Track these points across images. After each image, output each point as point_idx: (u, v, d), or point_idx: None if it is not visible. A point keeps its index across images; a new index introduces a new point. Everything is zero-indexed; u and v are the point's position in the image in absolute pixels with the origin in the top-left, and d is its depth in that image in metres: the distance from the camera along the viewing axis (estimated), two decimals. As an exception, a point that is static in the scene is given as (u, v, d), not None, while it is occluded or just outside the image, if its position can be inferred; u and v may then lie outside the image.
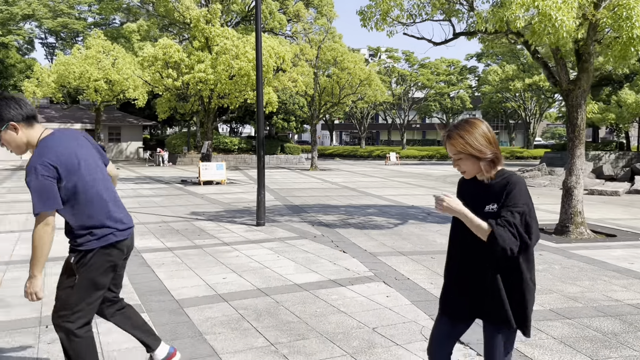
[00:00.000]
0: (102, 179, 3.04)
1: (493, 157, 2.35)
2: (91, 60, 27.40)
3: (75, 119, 40.86)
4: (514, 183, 2.32)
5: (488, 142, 2.35)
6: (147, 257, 7.16)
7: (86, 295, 2.94)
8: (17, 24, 49.02)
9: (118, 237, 2.99)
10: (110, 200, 3.03)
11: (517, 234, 2.24)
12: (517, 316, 2.34)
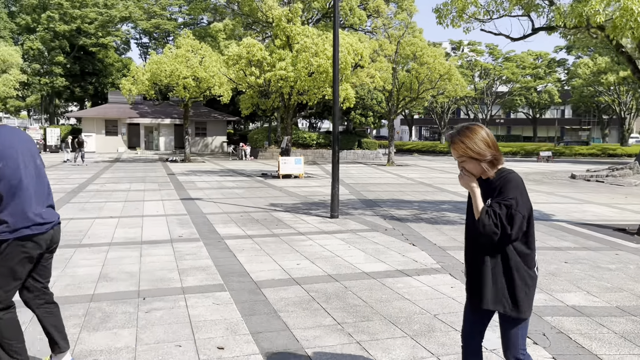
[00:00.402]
0: (33, 174, 3.27)
1: (492, 158, 2.62)
2: (181, 59, 29.06)
3: (166, 114, 43.42)
4: (508, 179, 2.59)
5: (487, 145, 2.62)
6: (230, 243, 7.79)
7: (2, 283, 3.17)
8: (115, 26, 52.67)
9: (33, 231, 3.18)
10: (36, 195, 3.25)
11: (499, 224, 2.49)
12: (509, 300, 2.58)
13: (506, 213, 2.50)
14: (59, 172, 22.16)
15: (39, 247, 3.24)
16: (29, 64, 45.33)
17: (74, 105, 62.49)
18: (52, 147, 40.94)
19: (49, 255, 3.42)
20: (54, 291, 5.26)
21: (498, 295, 2.59)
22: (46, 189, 3.38)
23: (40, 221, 3.23)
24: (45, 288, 3.48)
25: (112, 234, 8.47)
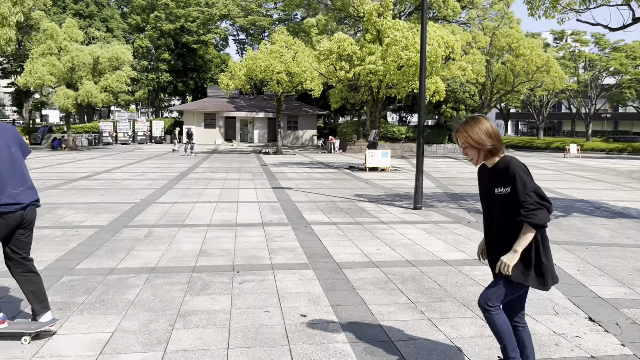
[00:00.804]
0: (8, 161, 3.79)
1: (491, 147, 3.00)
2: (275, 55, 30.20)
3: (260, 108, 45.19)
4: (515, 168, 2.94)
5: (488, 136, 3.00)
6: (315, 228, 8.29)
7: None
8: (215, 24, 55.39)
9: (1, 210, 3.69)
10: (10, 180, 3.77)
11: (543, 206, 2.86)
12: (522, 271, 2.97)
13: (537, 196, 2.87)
14: (163, 161, 24.01)
15: (7, 223, 3.76)
16: (138, 61, 48.99)
17: (177, 99, 66.63)
18: (157, 139, 44.07)
19: (23, 230, 3.91)
20: (162, 263, 6.04)
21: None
22: (20, 174, 3.87)
23: (10, 202, 3.74)
24: (23, 259, 3.97)
25: (210, 216, 9.28)
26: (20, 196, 3.81)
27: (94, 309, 4.52)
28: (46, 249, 6.63)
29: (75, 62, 30.75)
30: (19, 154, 3.93)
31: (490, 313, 3.03)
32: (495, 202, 3.05)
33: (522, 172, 2.93)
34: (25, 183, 3.92)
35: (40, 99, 51.94)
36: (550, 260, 3.03)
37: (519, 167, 2.94)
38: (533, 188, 2.89)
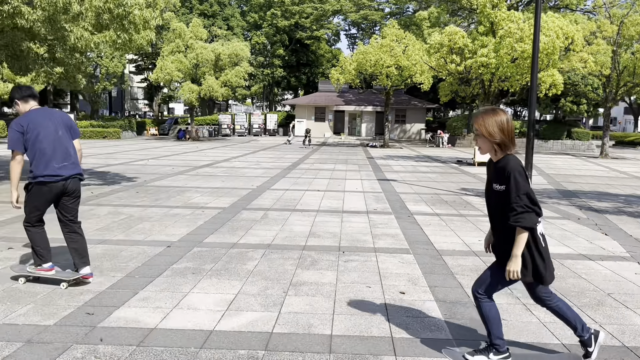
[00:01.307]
0: (53, 140, 4.68)
1: (500, 142, 3.07)
2: (385, 49, 30.43)
3: (368, 102, 45.66)
4: (512, 169, 3.05)
5: (501, 130, 3.07)
6: (418, 218, 8.58)
7: (28, 210, 4.72)
8: (327, 19, 56.65)
9: (45, 180, 4.61)
10: (55, 156, 4.65)
11: (532, 210, 3.02)
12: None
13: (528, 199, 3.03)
14: (276, 152, 25.33)
15: (51, 191, 4.67)
16: (255, 57, 51.57)
17: (289, 93, 69.12)
18: (270, 131, 46.20)
19: (68, 198, 4.80)
20: (276, 241, 6.70)
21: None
22: (63, 152, 4.73)
23: (53, 174, 4.64)
24: (69, 221, 4.87)
25: (319, 203, 9.90)
26: (62, 170, 4.71)
27: (220, 275, 5.24)
28: (179, 225, 7.60)
29: (199, 58, 33.24)
30: (66, 136, 4.83)
31: (480, 301, 3.29)
32: (493, 196, 3.23)
33: (518, 173, 3.03)
34: (69, 159, 4.80)
35: (168, 93, 56.54)
36: (546, 259, 3.17)
37: (515, 168, 3.05)
38: (525, 191, 3.02)
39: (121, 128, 37.92)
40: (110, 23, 9.71)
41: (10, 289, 4.66)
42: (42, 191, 4.68)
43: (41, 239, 4.82)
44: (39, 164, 4.63)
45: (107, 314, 4.13)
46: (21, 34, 10.79)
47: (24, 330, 3.79)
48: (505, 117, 3.11)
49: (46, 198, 4.72)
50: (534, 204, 3.04)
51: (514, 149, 3.16)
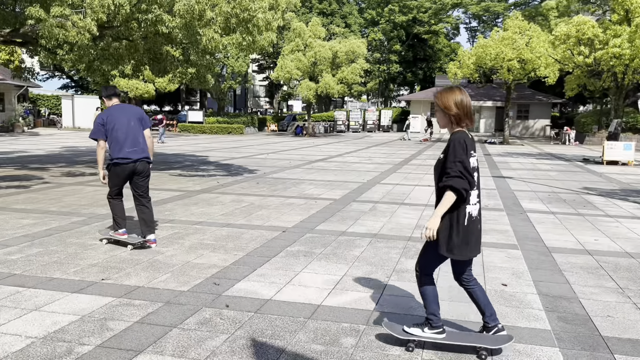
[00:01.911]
0: (126, 130, 5.78)
1: (455, 115, 3.27)
2: (507, 41, 29.21)
3: (488, 96, 44.00)
4: (453, 139, 3.25)
5: (456, 105, 3.27)
6: (531, 215, 8.38)
7: (110, 185, 5.94)
8: (446, 13, 55.37)
9: (119, 162, 5.76)
10: (126, 143, 5.76)
11: (464, 177, 3.14)
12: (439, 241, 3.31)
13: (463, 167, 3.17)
14: (389, 148, 25.51)
15: (124, 171, 5.81)
16: (371, 54, 51.95)
17: (405, 89, 68.60)
18: (384, 127, 46.34)
19: (138, 177, 5.90)
20: (383, 231, 6.99)
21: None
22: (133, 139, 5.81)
23: (125, 157, 5.77)
24: (140, 196, 5.97)
25: (428, 198, 10.01)
26: (132, 154, 5.81)
27: (328, 258, 5.66)
28: (294, 213, 8.18)
29: (317, 57, 34.30)
30: (137, 126, 5.91)
31: (420, 279, 3.55)
32: (436, 167, 3.38)
33: (458, 144, 3.20)
34: (138, 145, 5.88)
35: (287, 91, 58.87)
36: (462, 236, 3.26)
37: (457, 139, 3.23)
38: (460, 159, 3.16)
39: (244, 124, 40.30)
40: (237, 26, 10.58)
41: (152, 261, 5.45)
42: (117, 171, 5.84)
43: (119, 209, 6.02)
44: (114, 149, 5.81)
45: (230, 285, 4.71)
46: (161, 39, 12.10)
47: (164, 293, 4.47)
48: (462, 95, 3.31)
49: (120, 176, 5.87)
50: (468, 173, 3.16)
51: (470, 125, 3.32)
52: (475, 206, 3.31)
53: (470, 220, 3.29)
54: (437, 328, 3.51)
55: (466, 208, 3.27)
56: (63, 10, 10.13)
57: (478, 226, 3.37)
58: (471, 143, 3.27)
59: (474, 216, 3.32)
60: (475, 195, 3.31)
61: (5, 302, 4.18)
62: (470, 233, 3.31)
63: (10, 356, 3.28)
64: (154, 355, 3.33)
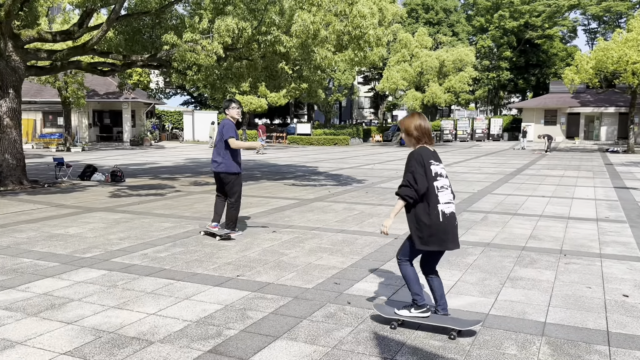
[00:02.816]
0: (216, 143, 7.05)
1: (416, 137, 3.93)
2: (631, 43, 27.21)
3: (610, 102, 41.01)
4: (411, 155, 3.89)
5: (415, 128, 3.92)
6: (657, 228, 7.94)
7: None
8: (562, 15, 52.54)
9: (211, 169, 7.12)
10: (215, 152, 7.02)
11: (411, 186, 3.79)
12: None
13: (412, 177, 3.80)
14: (499, 157, 24.80)
15: (216, 177, 7.14)
16: (479, 61, 50.64)
17: (516, 96, 65.80)
18: (494, 136, 44.84)
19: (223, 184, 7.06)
20: (495, 241, 7.06)
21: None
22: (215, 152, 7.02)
23: (213, 167, 7.09)
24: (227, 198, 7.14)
25: (542, 209, 9.79)
26: (213, 165, 7.08)
27: (441, 264, 5.81)
28: (404, 221, 8.45)
29: (423, 66, 34.25)
30: (219, 140, 6.98)
31: (400, 264, 4.08)
32: None
33: (414, 159, 3.84)
34: (217, 158, 7.02)
35: (392, 101, 58.99)
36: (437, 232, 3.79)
37: (413, 155, 3.88)
38: (411, 171, 3.81)
39: (349, 135, 41.07)
40: (349, 43, 11.12)
41: (278, 261, 6.02)
42: (214, 176, 7.23)
43: (217, 205, 7.27)
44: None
45: (350, 285, 5.12)
46: (278, 57, 12.98)
47: (292, 290, 4.98)
48: (421, 120, 3.96)
49: (216, 181, 7.26)
50: (416, 182, 3.77)
51: (430, 142, 3.95)
52: (447, 205, 3.85)
53: (445, 217, 3.82)
54: (422, 307, 3.98)
55: (438, 207, 3.82)
56: (194, 36, 11.29)
57: (454, 223, 3.89)
58: (430, 155, 3.88)
59: (447, 214, 3.84)
60: (446, 196, 3.87)
61: (162, 292, 4.91)
62: (445, 228, 3.83)
63: (173, 334, 3.92)
64: (289, 341, 3.81)
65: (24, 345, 3.72)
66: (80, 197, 11.40)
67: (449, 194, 3.89)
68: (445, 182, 3.88)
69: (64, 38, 13.43)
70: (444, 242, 3.85)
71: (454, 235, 3.89)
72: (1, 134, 12.56)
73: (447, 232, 3.83)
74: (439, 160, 3.93)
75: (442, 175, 3.87)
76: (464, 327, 3.86)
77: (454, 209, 3.90)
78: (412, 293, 4.00)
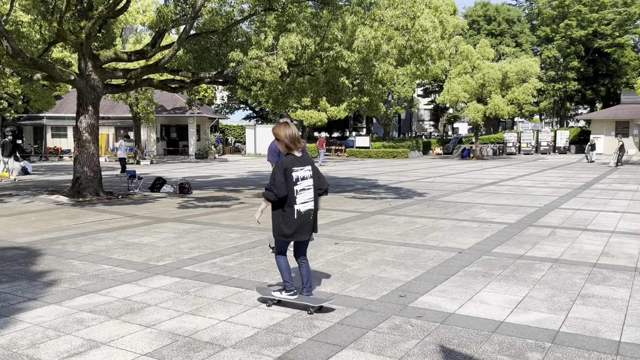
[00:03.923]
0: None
1: (286, 144, 4.70)
2: None
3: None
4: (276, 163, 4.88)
5: (285, 135, 4.66)
6: None
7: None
8: (634, 23, 50.19)
9: None
10: None
11: (270, 188, 4.61)
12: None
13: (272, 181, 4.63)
14: (566, 171, 23.89)
15: None
16: (544, 72, 49.08)
17: (584, 107, 63.17)
18: (560, 149, 43.18)
19: None
20: (564, 257, 6.87)
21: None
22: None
23: None
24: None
25: (614, 224, 9.39)
26: None
27: (508, 279, 5.79)
28: (467, 236, 8.35)
29: (485, 78, 33.58)
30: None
31: (275, 257, 4.92)
32: None
33: (277, 166, 4.70)
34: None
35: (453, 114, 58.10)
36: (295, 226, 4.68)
37: (279, 165, 4.70)
38: (272, 177, 4.66)
39: (409, 148, 40.76)
40: (411, 57, 11.17)
41: (342, 273, 6.12)
42: None
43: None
44: None
45: (414, 298, 5.14)
46: (339, 72, 13.19)
47: (356, 301, 5.06)
48: (289, 129, 4.70)
49: None
50: (274, 186, 4.57)
51: (299, 146, 4.72)
52: (303, 204, 4.71)
53: (299, 214, 4.70)
54: (290, 291, 4.83)
55: (295, 207, 4.68)
56: (259, 53, 11.69)
57: (309, 218, 4.77)
58: (294, 162, 4.69)
59: (303, 212, 4.71)
60: (305, 196, 4.72)
61: (232, 299, 5.12)
62: (301, 224, 4.71)
63: (244, 340, 4.10)
64: (356, 351, 3.89)
65: (108, 345, 4.00)
66: (151, 208, 11.98)
67: (309, 193, 4.76)
68: (307, 183, 4.74)
69: (138, 57, 14.23)
70: (299, 235, 4.75)
71: (307, 228, 4.79)
72: (81, 148, 13.42)
73: (302, 226, 4.73)
74: (307, 164, 4.77)
75: (305, 177, 4.73)
76: (317, 304, 4.72)
77: (310, 206, 4.78)
78: (284, 281, 4.86)
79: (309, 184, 4.74)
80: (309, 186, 4.74)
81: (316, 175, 4.84)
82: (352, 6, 12.20)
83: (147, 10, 27.95)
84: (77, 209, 11.69)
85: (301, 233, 4.73)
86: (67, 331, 4.29)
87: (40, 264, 6.59)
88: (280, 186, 4.56)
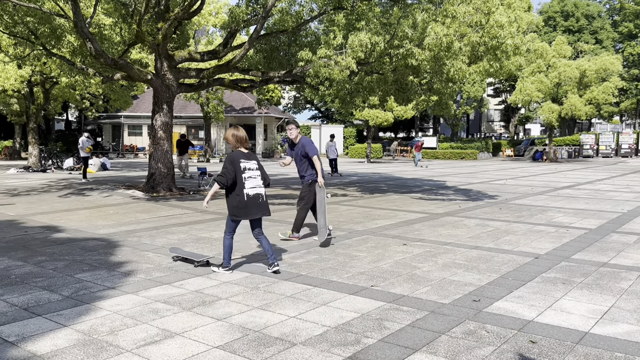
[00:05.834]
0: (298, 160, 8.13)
1: (233, 144, 5.86)
2: None
3: None
4: (226, 156, 5.88)
5: (232, 137, 5.83)
6: None
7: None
8: None
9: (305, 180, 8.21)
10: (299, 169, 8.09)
11: (221, 175, 5.68)
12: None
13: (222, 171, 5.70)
14: None
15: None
16: (627, 70, 46.24)
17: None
18: (644, 152, 40.50)
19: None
20: None
21: None
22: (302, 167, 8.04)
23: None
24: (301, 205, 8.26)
25: None
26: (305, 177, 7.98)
27: (591, 288, 5.43)
28: (543, 241, 7.94)
29: (561, 77, 32.04)
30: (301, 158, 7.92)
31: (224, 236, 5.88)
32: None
33: (228, 159, 5.71)
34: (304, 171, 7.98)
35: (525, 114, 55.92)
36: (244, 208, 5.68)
37: (228, 157, 5.75)
38: (225, 167, 5.67)
39: (478, 149, 39.60)
40: (484, 54, 10.78)
41: (411, 274, 5.97)
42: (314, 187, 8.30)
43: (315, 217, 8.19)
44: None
45: (489, 303, 4.92)
46: (408, 70, 12.96)
47: (427, 304, 4.90)
48: (236, 131, 5.83)
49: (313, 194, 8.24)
50: (222, 175, 5.64)
51: (245, 145, 5.86)
52: (252, 189, 5.70)
53: (249, 197, 5.68)
54: (225, 267, 5.90)
55: (244, 191, 5.66)
56: (328, 52, 11.67)
57: (258, 200, 5.73)
58: (241, 156, 5.74)
59: (251, 195, 5.69)
60: (253, 182, 5.73)
61: (300, 296, 5.10)
62: (250, 205, 5.69)
63: (314, 338, 4.06)
64: (429, 355, 3.75)
65: (181, 336, 4.08)
66: (220, 204, 12.25)
67: (257, 180, 5.78)
68: (253, 173, 5.76)
69: (210, 57, 14.62)
70: (250, 214, 5.72)
71: (258, 209, 5.75)
72: (155, 145, 13.96)
73: (251, 207, 5.70)
74: (251, 159, 5.81)
75: (252, 168, 5.75)
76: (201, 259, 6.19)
77: (259, 191, 5.77)
78: (223, 258, 5.90)
79: (256, 174, 5.80)
80: (255, 175, 5.79)
81: (262, 170, 5.89)
82: (422, 3, 11.95)
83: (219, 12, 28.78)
84: (151, 204, 12.15)
85: (252, 212, 5.72)
86: (143, 320, 4.42)
87: (118, 254, 6.87)
88: (229, 174, 5.63)
